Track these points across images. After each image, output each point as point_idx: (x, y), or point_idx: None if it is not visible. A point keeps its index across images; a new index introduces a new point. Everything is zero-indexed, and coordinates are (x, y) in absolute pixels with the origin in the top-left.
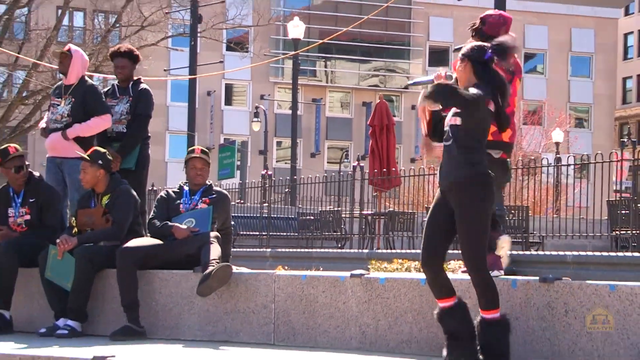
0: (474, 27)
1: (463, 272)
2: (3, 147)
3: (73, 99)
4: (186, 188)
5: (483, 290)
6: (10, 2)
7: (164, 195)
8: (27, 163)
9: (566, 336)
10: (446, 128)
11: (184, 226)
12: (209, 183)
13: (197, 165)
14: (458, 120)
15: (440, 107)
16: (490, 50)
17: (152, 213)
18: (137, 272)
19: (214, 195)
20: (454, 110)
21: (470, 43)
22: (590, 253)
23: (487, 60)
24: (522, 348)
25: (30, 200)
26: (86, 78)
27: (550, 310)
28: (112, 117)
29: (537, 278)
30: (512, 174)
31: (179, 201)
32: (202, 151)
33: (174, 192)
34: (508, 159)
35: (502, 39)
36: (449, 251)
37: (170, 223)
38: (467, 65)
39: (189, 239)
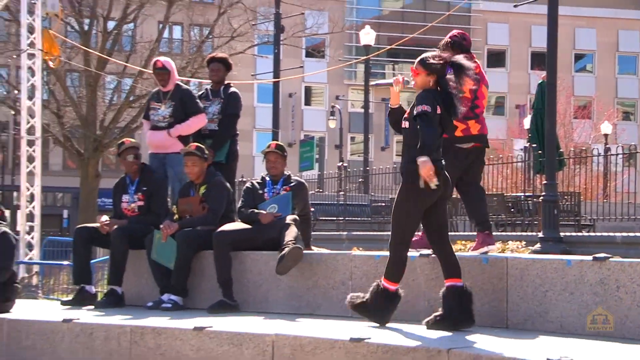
0: (452, 41)
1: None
2: (120, 141)
3: (173, 103)
4: (268, 179)
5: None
6: (119, 19)
7: (249, 186)
8: (140, 154)
9: (618, 310)
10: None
11: (268, 211)
12: (287, 173)
13: (270, 159)
14: (407, 124)
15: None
16: (450, 68)
17: (240, 202)
18: (230, 253)
19: (293, 184)
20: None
21: (432, 54)
22: (638, 234)
23: (445, 75)
24: (576, 321)
25: (144, 189)
26: (180, 83)
27: (603, 286)
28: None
29: (591, 257)
30: (565, 163)
31: (262, 190)
32: (277, 146)
33: (257, 182)
34: (486, 147)
35: (462, 60)
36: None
37: (256, 210)
38: (429, 76)
39: (273, 223)
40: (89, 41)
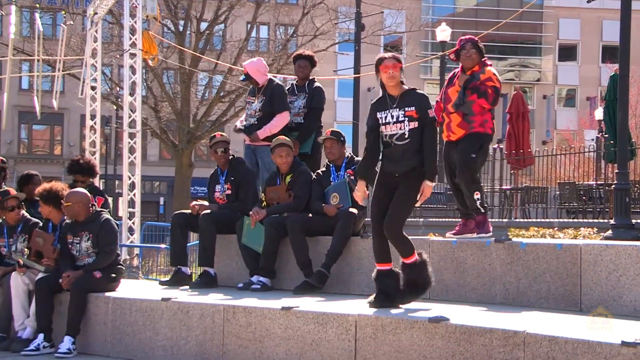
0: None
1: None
2: (212, 135)
3: (264, 97)
4: (331, 165)
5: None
6: (211, 20)
7: (315, 177)
8: (229, 147)
9: None
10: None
11: (331, 202)
12: (349, 155)
13: (327, 145)
14: (415, 124)
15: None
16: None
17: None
18: (305, 238)
19: (355, 166)
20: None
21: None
22: None
23: None
24: None
25: (232, 179)
26: (272, 78)
27: None
28: (290, 111)
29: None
30: (636, 153)
31: (329, 179)
32: (332, 132)
33: (322, 172)
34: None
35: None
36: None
37: (323, 205)
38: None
39: (337, 215)
40: (184, 41)
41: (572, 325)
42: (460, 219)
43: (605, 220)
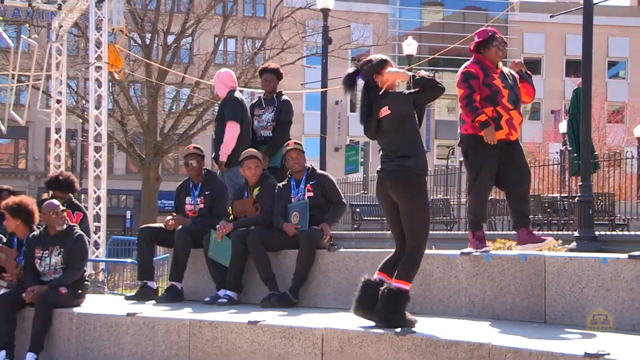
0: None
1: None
2: (186, 147)
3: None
4: (291, 178)
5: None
6: (178, 33)
7: (277, 190)
8: (202, 160)
9: None
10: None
11: (292, 221)
12: (309, 166)
13: (293, 155)
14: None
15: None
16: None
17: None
18: (267, 253)
19: (313, 182)
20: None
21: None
22: None
23: None
24: (613, 316)
25: (206, 193)
26: (231, 91)
27: (638, 283)
28: (242, 122)
29: (626, 255)
30: (599, 165)
31: (290, 193)
32: (295, 143)
33: (283, 185)
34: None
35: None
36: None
37: (283, 223)
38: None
39: (297, 235)
40: (150, 54)
41: (536, 336)
42: (515, 230)
43: (570, 232)
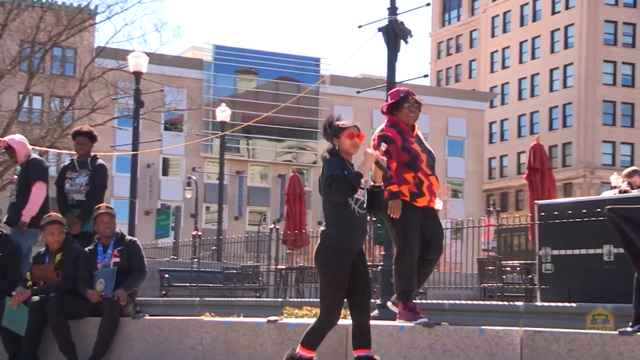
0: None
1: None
2: None
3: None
4: (98, 243)
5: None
6: None
7: (83, 256)
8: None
9: None
10: (362, 198)
11: (96, 288)
12: (118, 232)
13: (105, 219)
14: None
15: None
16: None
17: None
18: (67, 321)
19: (122, 248)
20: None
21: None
22: (463, 302)
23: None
24: None
25: None
26: (31, 155)
27: (432, 351)
28: (46, 185)
29: (421, 323)
30: None
31: (96, 259)
32: (107, 207)
33: (89, 249)
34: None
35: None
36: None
37: (87, 289)
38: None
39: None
40: None
41: None
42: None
43: (373, 301)
